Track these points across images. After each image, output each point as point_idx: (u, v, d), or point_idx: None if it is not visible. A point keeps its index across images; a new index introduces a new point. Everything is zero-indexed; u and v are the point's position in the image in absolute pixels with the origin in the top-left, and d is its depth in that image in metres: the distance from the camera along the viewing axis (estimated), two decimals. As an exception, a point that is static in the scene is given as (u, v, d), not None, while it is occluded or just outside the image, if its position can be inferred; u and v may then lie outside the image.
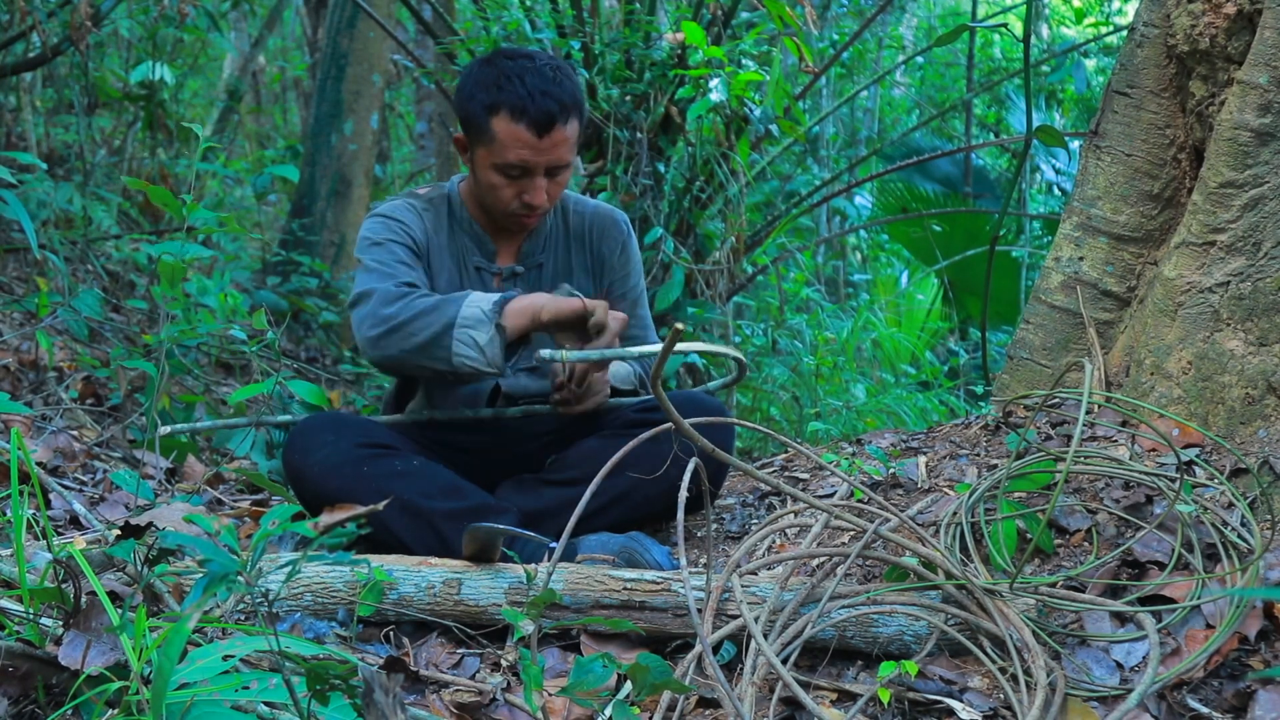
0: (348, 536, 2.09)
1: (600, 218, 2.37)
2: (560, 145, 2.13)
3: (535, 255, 2.32)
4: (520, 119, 2.09)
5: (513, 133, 2.10)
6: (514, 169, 2.14)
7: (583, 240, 2.36)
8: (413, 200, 2.30)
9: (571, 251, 2.35)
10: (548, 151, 2.12)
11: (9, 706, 1.33)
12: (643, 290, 2.43)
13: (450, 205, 2.31)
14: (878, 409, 5.01)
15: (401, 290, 2.09)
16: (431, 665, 1.73)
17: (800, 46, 3.58)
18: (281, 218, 7.22)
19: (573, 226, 2.36)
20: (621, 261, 2.37)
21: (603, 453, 1.90)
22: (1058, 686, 1.57)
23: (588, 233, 2.36)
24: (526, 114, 2.09)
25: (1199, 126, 2.23)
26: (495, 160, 2.14)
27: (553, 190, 2.19)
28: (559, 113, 2.10)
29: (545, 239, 2.33)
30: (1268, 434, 1.96)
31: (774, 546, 2.06)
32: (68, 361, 3.44)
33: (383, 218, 2.24)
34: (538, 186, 2.15)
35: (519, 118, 2.09)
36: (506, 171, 2.14)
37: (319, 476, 2.08)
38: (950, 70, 9.51)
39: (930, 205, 6.80)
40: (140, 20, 5.19)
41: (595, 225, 2.36)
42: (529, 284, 2.31)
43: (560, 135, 2.12)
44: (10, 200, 2.24)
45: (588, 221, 2.36)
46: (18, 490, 1.62)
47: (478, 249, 2.30)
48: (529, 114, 2.09)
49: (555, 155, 2.13)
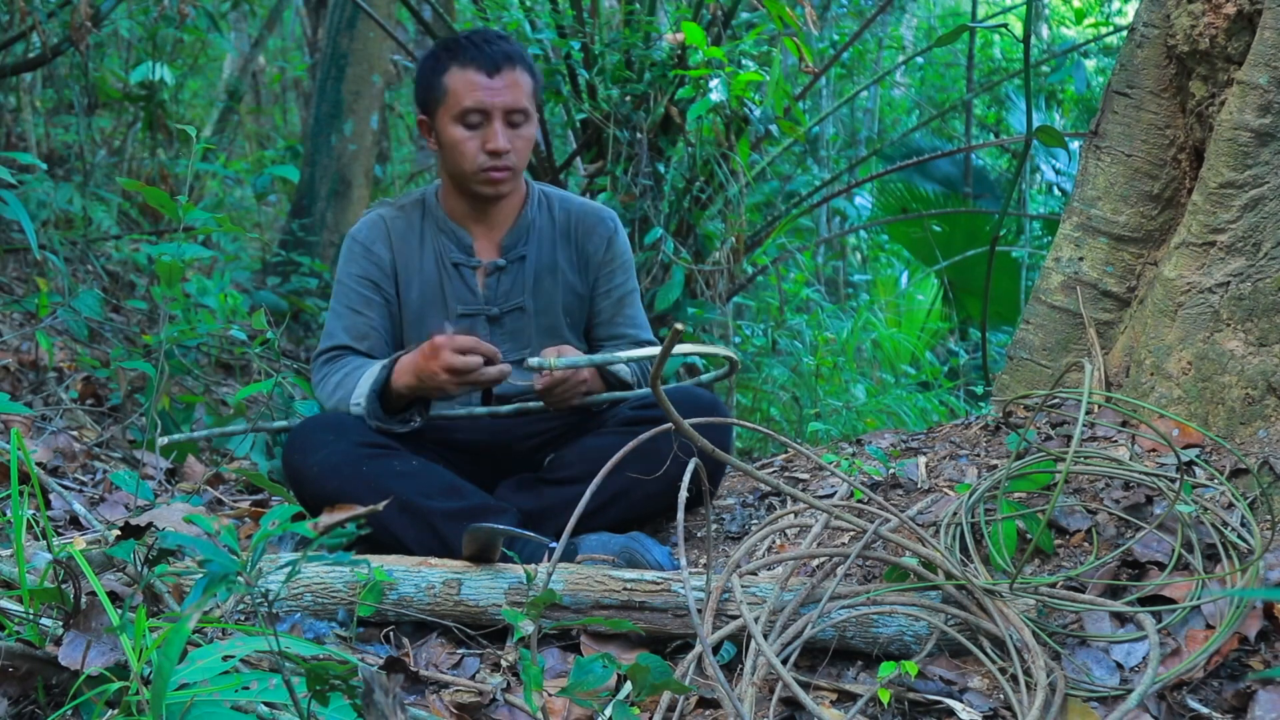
0: (347, 537, 2.09)
1: (587, 214, 2.38)
2: (513, 87, 2.19)
3: (518, 248, 2.33)
4: (469, 64, 2.18)
5: (464, 78, 2.18)
6: (472, 114, 2.19)
7: (568, 236, 2.36)
8: (384, 211, 2.37)
9: (557, 246, 2.35)
10: (501, 92, 2.18)
11: (9, 706, 1.33)
12: (633, 289, 2.42)
13: (425, 208, 2.35)
14: (878, 409, 5.01)
15: (323, 370, 2.28)
16: (431, 665, 1.73)
17: (800, 47, 3.58)
18: (281, 218, 7.22)
19: (559, 222, 2.36)
20: (607, 258, 2.37)
21: (602, 452, 1.90)
22: (1058, 687, 1.57)
23: (574, 229, 2.36)
24: (474, 60, 2.18)
25: (1199, 127, 2.23)
26: (454, 111, 2.20)
27: (517, 144, 2.23)
28: (504, 58, 2.18)
29: (528, 231, 2.34)
30: (1268, 434, 1.96)
31: (774, 546, 2.06)
32: (68, 362, 3.43)
33: (350, 242, 2.34)
34: (497, 131, 2.19)
35: (467, 64, 2.18)
36: (466, 119, 2.20)
37: (318, 477, 2.09)
38: (950, 70, 9.51)
39: (930, 205, 6.80)
40: (140, 20, 5.19)
41: (581, 221, 2.37)
42: (513, 276, 2.32)
43: (511, 77, 2.19)
44: (10, 200, 2.24)
45: (574, 218, 2.37)
46: (17, 490, 1.62)
47: (455, 245, 2.32)
48: (476, 59, 2.18)
49: (510, 97, 2.19)
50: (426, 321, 2.30)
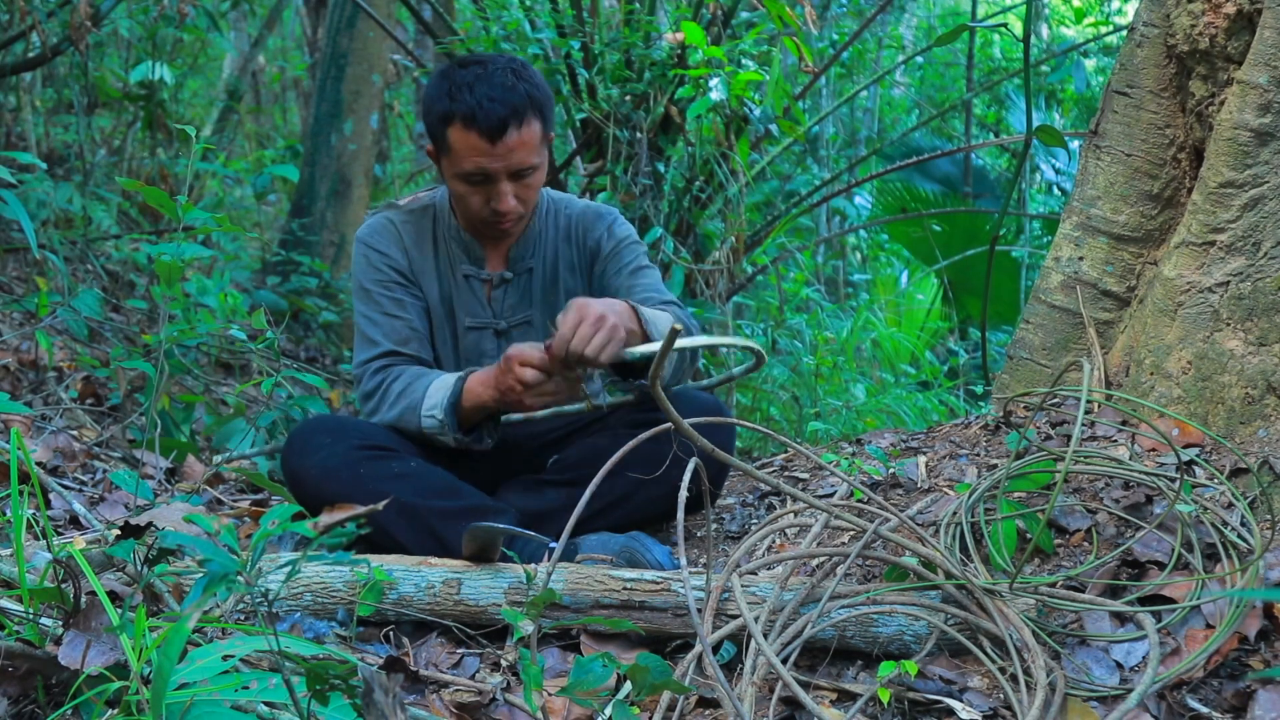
0: (347, 537, 2.09)
1: (586, 213, 2.37)
2: (517, 150, 2.12)
3: (525, 260, 2.32)
4: (471, 127, 2.10)
5: (466, 141, 2.11)
6: (474, 176, 2.15)
7: (570, 239, 2.35)
8: (392, 215, 2.32)
9: (559, 253, 2.34)
10: (504, 157, 2.12)
11: (9, 706, 1.33)
12: (648, 265, 2.37)
13: (436, 215, 2.32)
14: (878, 409, 5.01)
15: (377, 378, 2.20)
16: (431, 665, 1.73)
17: (800, 46, 3.58)
18: (281, 218, 7.21)
19: (561, 227, 2.36)
20: (610, 244, 2.35)
21: (604, 453, 1.90)
22: (1058, 686, 1.57)
23: (574, 230, 2.35)
24: (476, 122, 2.09)
25: (1199, 126, 2.23)
26: (455, 170, 2.16)
27: (523, 194, 2.19)
28: (510, 116, 2.10)
29: (534, 243, 2.33)
30: (1268, 434, 1.96)
31: (774, 546, 2.06)
32: (67, 361, 3.44)
33: (364, 248, 2.28)
34: (502, 193, 2.15)
35: (469, 125, 2.10)
36: (468, 179, 2.16)
37: (317, 479, 2.09)
38: (950, 70, 9.51)
39: (930, 205, 6.80)
40: (140, 20, 5.19)
41: (581, 221, 2.36)
42: (519, 289, 2.32)
43: (515, 140, 2.11)
44: (10, 200, 2.24)
45: (574, 220, 2.36)
46: (17, 490, 1.62)
47: (466, 256, 2.31)
48: (478, 122, 2.09)
49: (514, 160, 2.13)
50: (437, 331, 2.30)
